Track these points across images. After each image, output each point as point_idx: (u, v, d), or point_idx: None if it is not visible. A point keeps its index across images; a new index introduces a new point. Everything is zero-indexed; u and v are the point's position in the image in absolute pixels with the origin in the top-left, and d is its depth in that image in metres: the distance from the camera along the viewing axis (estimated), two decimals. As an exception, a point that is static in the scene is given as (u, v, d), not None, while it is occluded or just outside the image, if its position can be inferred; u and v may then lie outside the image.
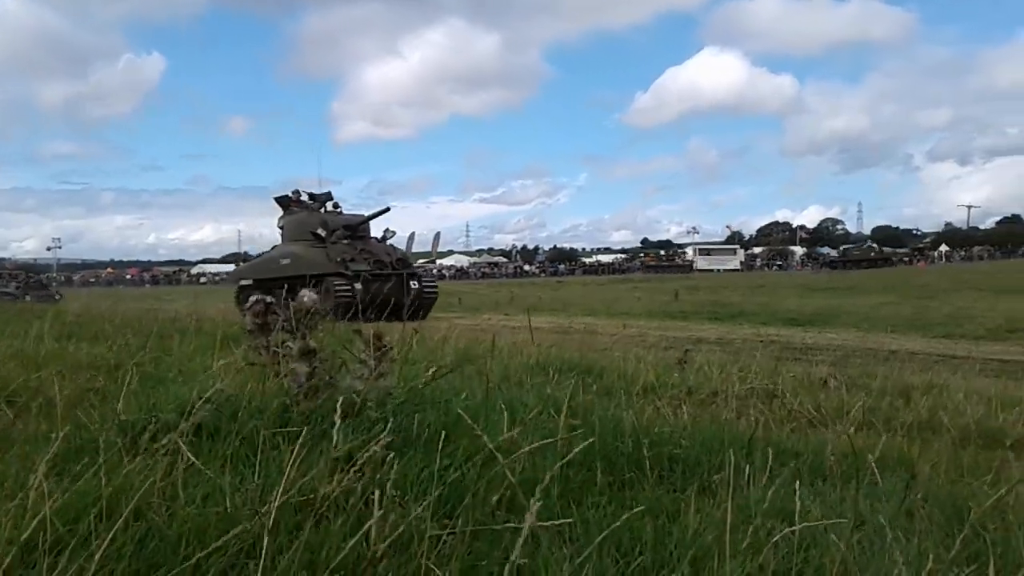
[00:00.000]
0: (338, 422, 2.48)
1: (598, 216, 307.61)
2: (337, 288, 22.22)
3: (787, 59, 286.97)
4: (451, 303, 30.03)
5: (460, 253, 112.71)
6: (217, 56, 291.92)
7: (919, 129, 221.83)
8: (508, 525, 2.12)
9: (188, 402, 2.94)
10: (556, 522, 2.15)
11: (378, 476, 2.30)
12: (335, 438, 2.47)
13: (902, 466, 3.42)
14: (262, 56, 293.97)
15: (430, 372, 3.57)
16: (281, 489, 2.08)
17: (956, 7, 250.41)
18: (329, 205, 27.81)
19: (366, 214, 28.17)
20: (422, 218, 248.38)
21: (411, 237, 29.11)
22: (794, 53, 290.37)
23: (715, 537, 2.30)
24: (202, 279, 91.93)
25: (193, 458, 2.48)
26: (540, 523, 2.06)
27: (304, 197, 28.29)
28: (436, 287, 26.31)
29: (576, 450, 2.49)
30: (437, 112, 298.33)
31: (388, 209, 28.07)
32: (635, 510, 2.28)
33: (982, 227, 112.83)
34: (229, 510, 2.20)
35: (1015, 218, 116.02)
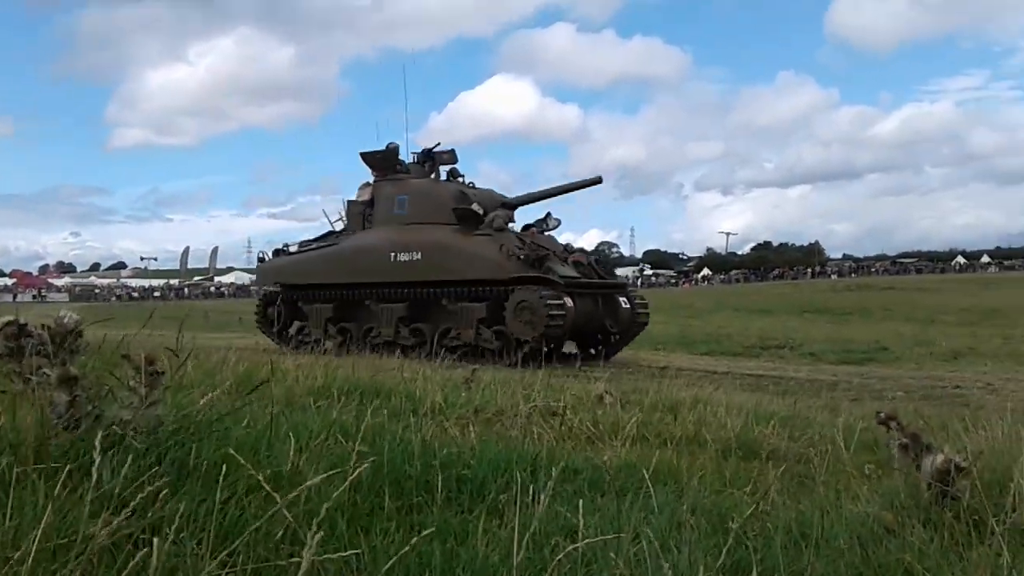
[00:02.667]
0: (98, 457, 2.28)
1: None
2: (550, 305, 14.50)
3: (574, 90, 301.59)
4: (230, 323, 28.50)
5: (242, 270, 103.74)
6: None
7: (689, 160, 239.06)
8: (292, 560, 2.04)
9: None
10: (342, 554, 2.09)
11: (150, 514, 2.14)
12: (97, 475, 2.27)
13: (672, 479, 3.64)
14: (30, 53, 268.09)
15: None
16: (38, 533, 1.88)
17: (724, 49, 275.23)
18: (444, 172, 18.27)
19: (564, 183, 18.55)
20: (200, 232, 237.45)
21: (185, 252, 25.38)
22: (581, 84, 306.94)
23: (502, 558, 2.34)
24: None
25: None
26: (326, 556, 2.00)
27: (406, 157, 18.70)
28: (648, 308, 17.37)
29: (358, 475, 2.44)
30: (226, 123, 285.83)
31: (600, 180, 18.77)
32: (424, 534, 2.27)
33: (739, 252, 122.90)
34: (-27, 559, 1.96)
35: (767, 244, 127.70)
